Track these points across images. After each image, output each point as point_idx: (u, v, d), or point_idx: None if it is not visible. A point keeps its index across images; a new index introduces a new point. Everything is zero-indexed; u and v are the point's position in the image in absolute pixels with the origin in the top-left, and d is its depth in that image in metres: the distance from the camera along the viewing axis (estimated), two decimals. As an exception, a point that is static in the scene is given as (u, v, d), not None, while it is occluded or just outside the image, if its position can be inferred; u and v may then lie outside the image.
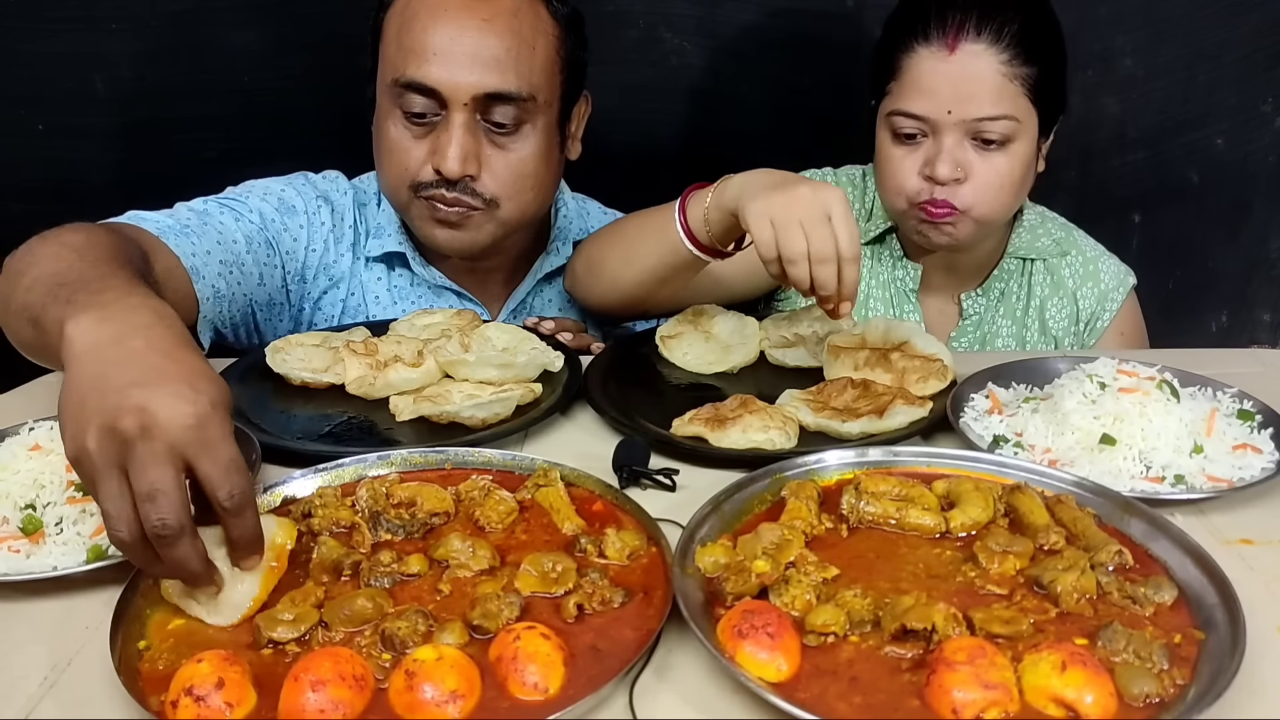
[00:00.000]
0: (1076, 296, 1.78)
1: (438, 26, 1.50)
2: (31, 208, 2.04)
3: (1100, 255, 1.81)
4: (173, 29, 1.99)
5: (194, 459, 0.89)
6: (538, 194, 1.62)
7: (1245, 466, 1.19)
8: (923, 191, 1.58)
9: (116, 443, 0.87)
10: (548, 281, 1.79)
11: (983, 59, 1.52)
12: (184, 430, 0.88)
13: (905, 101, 1.56)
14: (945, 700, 0.82)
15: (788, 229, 1.29)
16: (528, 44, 1.53)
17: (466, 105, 1.51)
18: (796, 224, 1.28)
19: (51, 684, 0.91)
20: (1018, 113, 1.54)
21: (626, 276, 1.55)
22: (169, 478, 0.87)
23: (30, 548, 1.05)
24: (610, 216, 1.88)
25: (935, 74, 1.53)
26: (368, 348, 1.45)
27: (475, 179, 1.55)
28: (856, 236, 1.29)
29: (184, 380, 0.90)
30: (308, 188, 1.68)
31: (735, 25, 2.09)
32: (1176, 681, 0.86)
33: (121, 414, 0.87)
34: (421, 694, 0.83)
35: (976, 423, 1.30)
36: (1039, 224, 1.77)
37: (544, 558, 1.01)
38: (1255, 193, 2.23)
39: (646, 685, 0.89)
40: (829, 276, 1.30)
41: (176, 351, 0.94)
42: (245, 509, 0.92)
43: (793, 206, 1.29)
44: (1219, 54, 2.11)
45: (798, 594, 0.95)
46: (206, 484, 0.90)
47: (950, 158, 1.55)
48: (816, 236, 1.28)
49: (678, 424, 1.31)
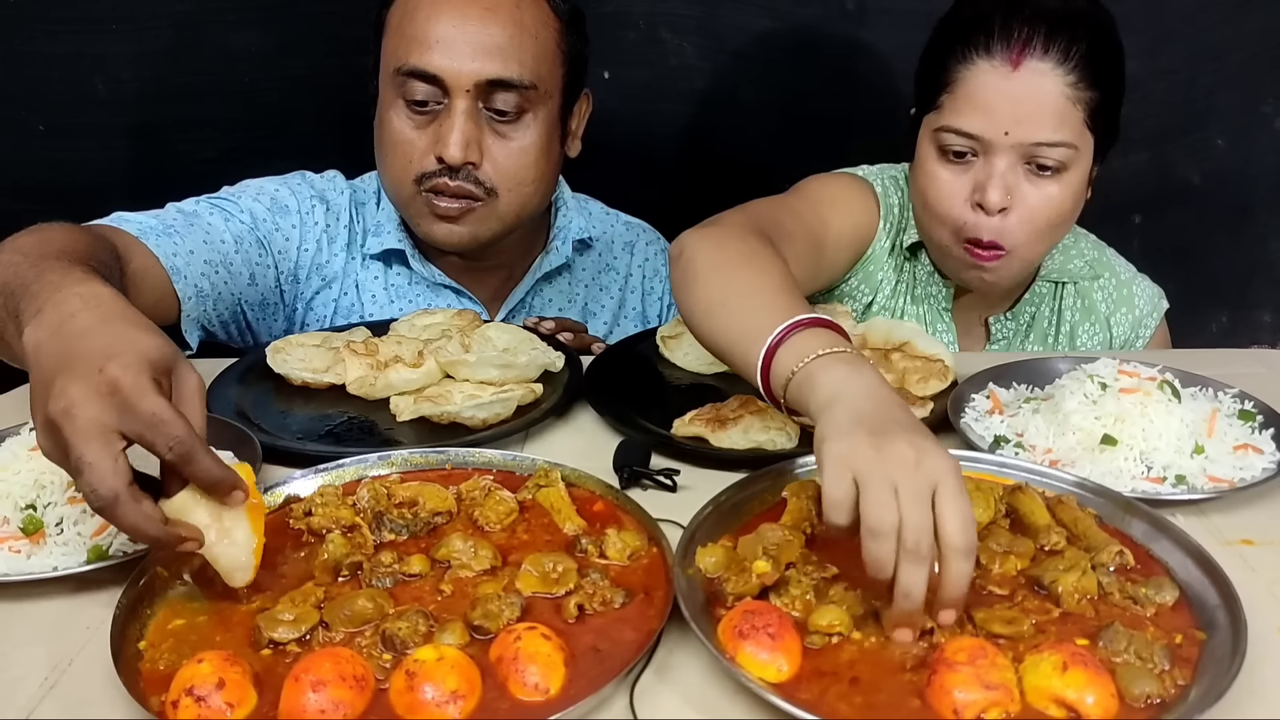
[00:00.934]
0: (1110, 323, 1.71)
1: (440, 15, 1.51)
2: (31, 208, 2.04)
3: (1134, 278, 1.73)
4: (173, 30, 1.99)
5: (119, 426, 0.90)
6: (538, 186, 1.62)
7: (1246, 467, 1.19)
8: (968, 226, 1.48)
9: (53, 433, 0.91)
10: (547, 281, 1.79)
11: (1048, 79, 1.41)
12: (94, 403, 0.90)
13: (959, 118, 1.45)
14: (946, 701, 0.82)
15: (876, 491, 0.91)
16: (529, 33, 1.54)
17: (469, 92, 1.51)
18: (889, 489, 0.90)
19: (51, 684, 0.91)
20: (1077, 140, 1.44)
21: (699, 326, 1.28)
22: (91, 450, 0.89)
23: (30, 548, 1.05)
24: (613, 218, 1.88)
25: (995, 91, 1.42)
26: (368, 348, 1.45)
27: (477, 167, 1.55)
28: (973, 524, 0.90)
29: (93, 356, 0.92)
30: (303, 187, 1.69)
31: (735, 26, 2.09)
32: (1178, 682, 0.86)
33: (49, 405, 0.91)
34: (422, 694, 0.83)
35: (977, 423, 1.30)
36: (1071, 244, 1.69)
37: (545, 558, 1.01)
38: (1256, 194, 2.23)
39: (647, 686, 0.89)
40: (917, 580, 0.89)
41: (95, 330, 0.97)
42: (192, 454, 0.92)
43: (886, 465, 0.91)
44: (1220, 55, 2.11)
45: (798, 594, 0.95)
46: (143, 444, 0.91)
47: (1002, 183, 1.44)
48: (913, 516, 0.89)
49: (678, 424, 1.31)
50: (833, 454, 0.95)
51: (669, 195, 1.56)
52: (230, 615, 0.96)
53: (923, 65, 1.54)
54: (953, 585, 0.90)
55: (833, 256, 1.61)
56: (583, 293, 1.83)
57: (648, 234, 1.90)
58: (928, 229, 1.57)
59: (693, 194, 1.56)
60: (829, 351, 1.06)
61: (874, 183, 1.66)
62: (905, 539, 0.89)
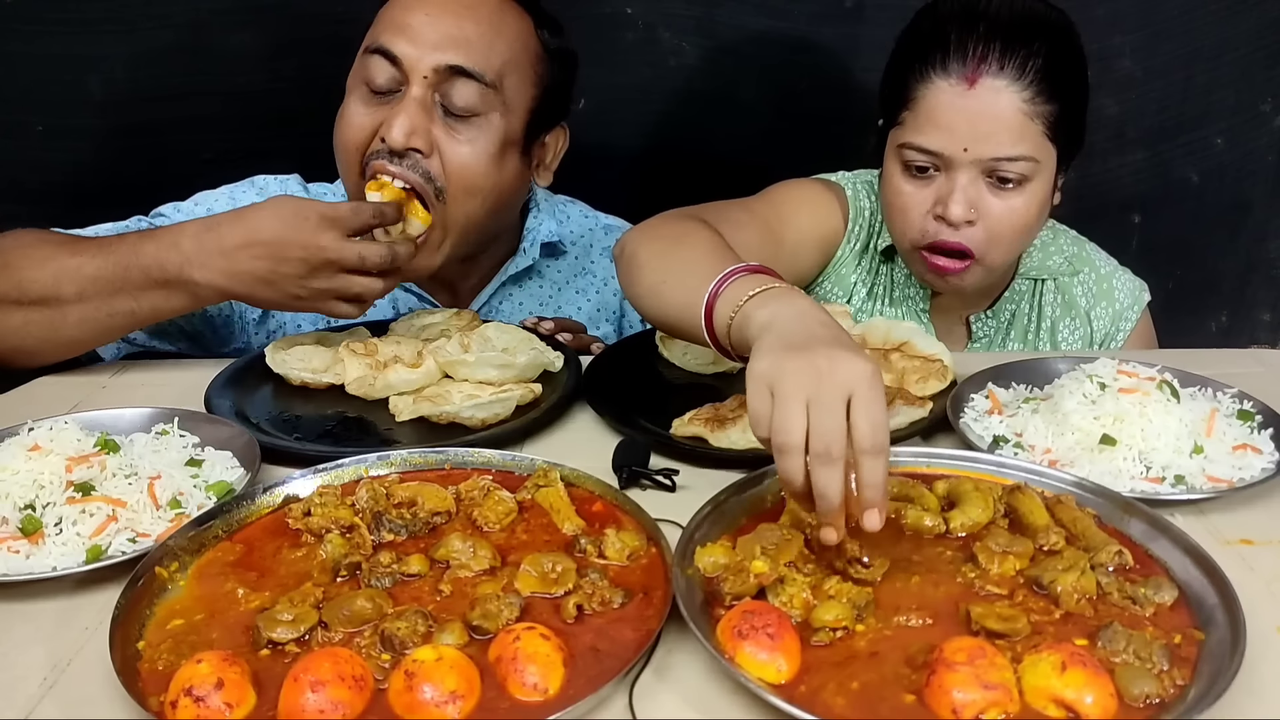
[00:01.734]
0: (1090, 317, 1.72)
1: (420, 5, 1.51)
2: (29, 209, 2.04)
3: (1114, 271, 1.74)
4: (167, 30, 1.99)
5: (348, 230, 1.33)
6: (486, 198, 1.56)
7: (1245, 467, 1.19)
8: (929, 233, 1.51)
9: (313, 270, 1.34)
10: (515, 284, 1.77)
11: (1004, 96, 1.43)
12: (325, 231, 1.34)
13: (919, 135, 1.47)
14: (945, 700, 0.82)
15: (786, 405, 0.96)
16: (503, 38, 1.53)
17: (426, 79, 1.49)
18: (799, 401, 0.95)
19: (51, 684, 0.91)
20: (1037, 153, 1.46)
21: (647, 307, 1.36)
22: (355, 248, 1.35)
23: (30, 548, 1.05)
24: (592, 220, 1.86)
25: (952, 109, 1.44)
26: (367, 348, 1.45)
27: (426, 156, 1.50)
28: (883, 426, 0.95)
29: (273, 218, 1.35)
30: (248, 193, 1.68)
31: (734, 26, 2.08)
32: (1176, 682, 0.86)
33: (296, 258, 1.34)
34: (421, 694, 0.83)
35: (976, 423, 1.30)
36: (1050, 240, 1.71)
37: (544, 558, 1.01)
38: (1255, 192, 2.23)
39: (646, 686, 0.89)
40: (829, 481, 0.94)
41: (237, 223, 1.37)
42: (383, 210, 1.40)
43: (801, 377, 0.96)
44: (1218, 54, 2.11)
45: (795, 593, 0.95)
46: (360, 232, 1.35)
47: (964, 197, 1.46)
48: (821, 422, 0.94)
49: (678, 424, 1.31)
50: (753, 372, 1.01)
51: (668, 195, 1.56)
52: (229, 615, 0.96)
53: (885, 78, 1.56)
54: (867, 485, 0.95)
55: (793, 255, 1.64)
56: (555, 295, 1.80)
57: None
58: (897, 240, 1.60)
59: (692, 194, 1.55)
60: (761, 290, 1.11)
61: (845, 187, 1.69)
62: (812, 445, 0.94)
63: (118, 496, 1.11)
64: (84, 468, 1.12)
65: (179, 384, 1.47)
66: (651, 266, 1.34)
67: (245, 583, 1.01)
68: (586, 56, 1.69)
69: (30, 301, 1.39)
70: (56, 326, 1.40)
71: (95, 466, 1.13)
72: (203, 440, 1.25)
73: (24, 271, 1.39)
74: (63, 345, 1.43)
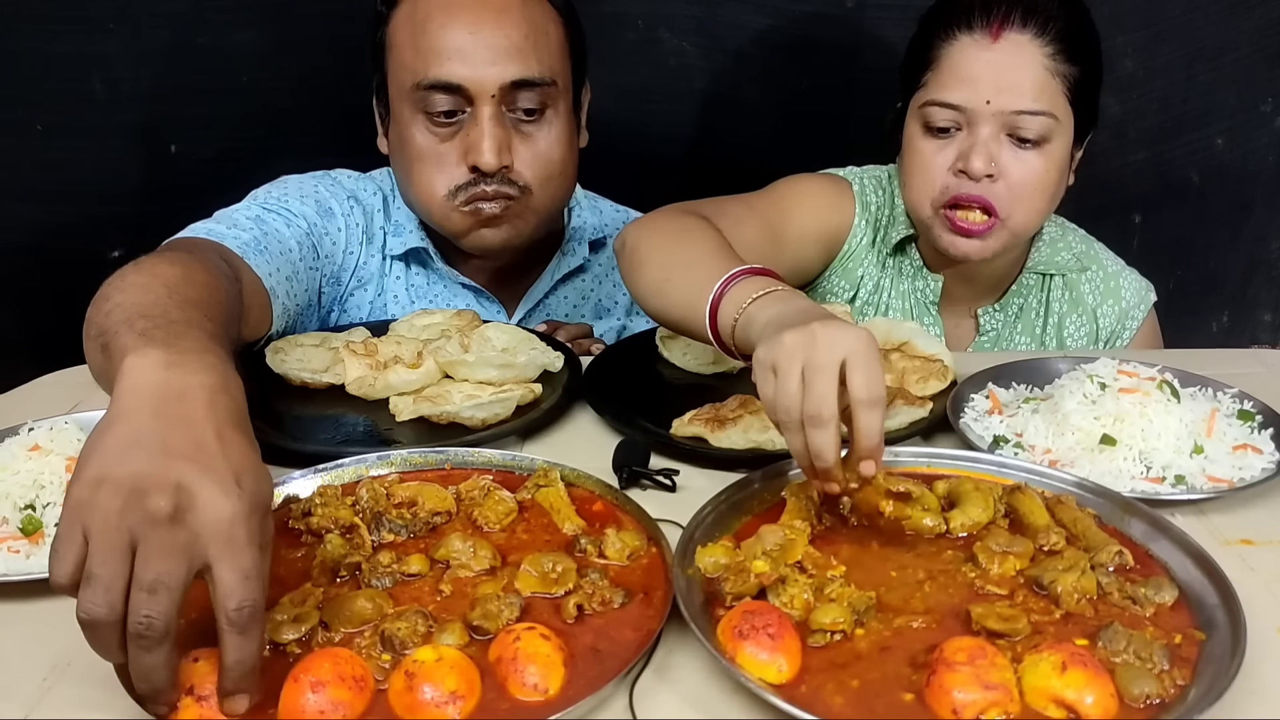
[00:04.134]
0: (1097, 314, 1.73)
1: (454, 24, 1.50)
2: (31, 208, 2.05)
3: (1121, 271, 1.76)
4: (171, 29, 1.99)
5: (214, 559, 0.79)
6: (565, 180, 1.63)
7: (1245, 467, 1.19)
8: (950, 188, 1.52)
9: (139, 513, 0.78)
10: (564, 281, 1.79)
11: (1027, 49, 1.47)
12: (216, 524, 0.79)
13: (942, 91, 1.50)
14: (945, 701, 0.82)
15: (785, 380, 1.00)
16: (541, 30, 1.54)
17: (494, 97, 1.51)
18: (796, 373, 0.99)
19: (51, 684, 0.91)
20: (1057, 111, 1.48)
21: (650, 304, 1.37)
22: (179, 574, 0.78)
23: (30, 548, 1.05)
24: (623, 214, 1.88)
25: (977, 61, 1.48)
26: (367, 348, 1.45)
27: (510, 169, 1.55)
28: (879, 380, 0.98)
29: (231, 471, 0.81)
30: (338, 188, 1.67)
31: (735, 26, 2.09)
32: (1177, 682, 0.86)
33: (157, 486, 0.78)
34: (421, 695, 0.83)
35: (976, 423, 1.30)
36: (1059, 237, 1.72)
37: (544, 558, 1.01)
38: (1256, 193, 2.23)
39: (646, 686, 0.89)
40: (822, 442, 0.98)
41: (231, 433, 0.85)
42: (251, 626, 0.80)
43: (798, 351, 0.99)
44: (1219, 54, 2.11)
45: (796, 594, 0.95)
46: (219, 589, 0.79)
47: (985, 150, 1.48)
48: (814, 386, 0.98)
49: (678, 424, 1.30)
50: (759, 357, 1.04)
51: (669, 195, 1.56)
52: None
53: (908, 56, 1.59)
54: (863, 435, 0.99)
55: (796, 249, 1.65)
56: (596, 289, 1.83)
57: None
58: (915, 207, 1.59)
59: (693, 194, 1.55)
60: (764, 293, 1.14)
61: (852, 181, 1.71)
62: (805, 408, 0.99)
63: (118, 496, 1.10)
64: (84, 468, 1.12)
65: (179, 384, 1.47)
66: (654, 263, 1.36)
67: (245, 583, 1.00)
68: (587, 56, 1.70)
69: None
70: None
71: (95, 466, 1.13)
72: (203, 440, 1.24)
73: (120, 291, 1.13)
74: None
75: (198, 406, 0.85)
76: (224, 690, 0.82)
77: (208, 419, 0.84)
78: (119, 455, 0.80)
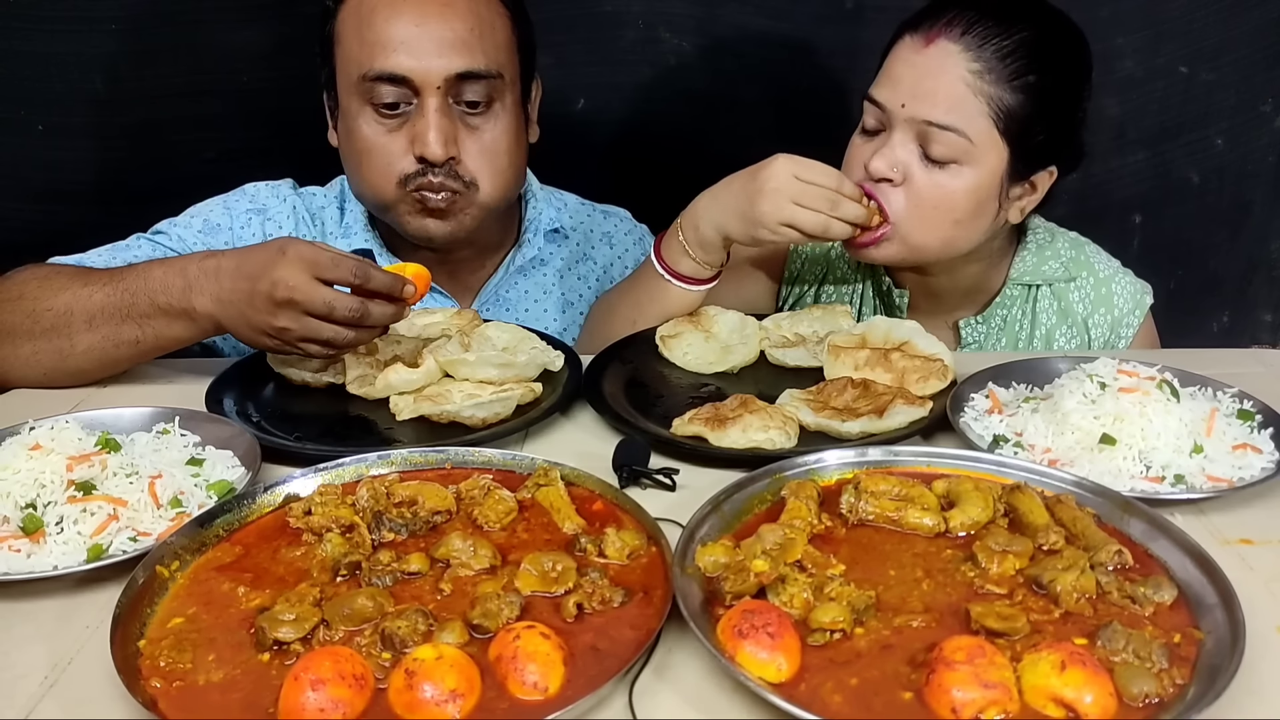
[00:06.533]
0: (1088, 324, 1.67)
1: (400, 17, 1.51)
2: (31, 208, 2.05)
3: (1114, 275, 1.68)
4: (171, 29, 1.99)
5: (320, 276, 1.27)
6: (513, 173, 1.64)
7: (1245, 466, 1.19)
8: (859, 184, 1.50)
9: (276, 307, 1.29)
10: (521, 274, 1.79)
11: (951, 59, 1.43)
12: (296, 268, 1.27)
13: (875, 88, 1.50)
14: (945, 700, 0.82)
15: (794, 214, 1.41)
16: (488, 24, 1.55)
17: (439, 89, 1.51)
18: (786, 208, 1.42)
19: (51, 684, 0.91)
20: (972, 133, 1.43)
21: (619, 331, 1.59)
22: (321, 293, 1.28)
23: (30, 547, 1.05)
24: (588, 208, 1.88)
25: (905, 64, 1.47)
26: (368, 348, 1.45)
27: (458, 162, 1.56)
28: (825, 167, 1.44)
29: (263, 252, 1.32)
30: (240, 202, 1.70)
31: (734, 26, 2.09)
32: (1176, 681, 0.86)
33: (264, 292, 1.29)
34: (421, 693, 0.83)
35: (976, 422, 1.30)
36: (1047, 244, 1.66)
37: (544, 557, 1.01)
38: (1255, 192, 2.23)
39: (646, 685, 0.89)
40: (851, 210, 1.44)
41: (235, 254, 1.36)
42: (369, 272, 1.30)
43: (761, 201, 1.44)
44: (1218, 54, 2.11)
45: (795, 593, 0.95)
46: (337, 283, 1.28)
47: (890, 154, 1.47)
48: (805, 202, 1.42)
49: (678, 424, 1.31)
50: (743, 233, 1.49)
51: (667, 195, 1.56)
52: (230, 614, 0.96)
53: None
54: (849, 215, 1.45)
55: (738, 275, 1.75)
56: (558, 283, 1.83)
57: (626, 223, 1.91)
58: None
59: (692, 194, 1.56)
60: (681, 222, 1.51)
61: None
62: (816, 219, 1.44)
63: (119, 495, 1.11)
64: (85, 467, 1.13)
65: (180, 383, 1.47)
66: (606, 323, 1.64)
67: (246, 582, 1.01)
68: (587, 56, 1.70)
69: (41, 331, 1.40)
70: (64, 355, 1.41)
71: (96, 465, 1.13)
72: (204, 439, 1.25)
73: (38, 301, 1.40)
74: (69, 375, 1.44)
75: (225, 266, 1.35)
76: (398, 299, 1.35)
77: (221, 266, 1.35)
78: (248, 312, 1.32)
